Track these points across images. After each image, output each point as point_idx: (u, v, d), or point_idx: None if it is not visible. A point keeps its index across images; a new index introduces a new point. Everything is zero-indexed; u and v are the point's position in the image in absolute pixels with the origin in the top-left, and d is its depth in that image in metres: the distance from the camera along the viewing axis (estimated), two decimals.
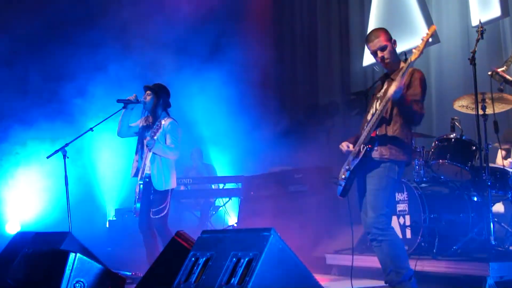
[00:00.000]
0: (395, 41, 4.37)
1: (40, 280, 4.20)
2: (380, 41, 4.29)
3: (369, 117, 4.39)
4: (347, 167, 4.38)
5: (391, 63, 4.34)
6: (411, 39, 7.35)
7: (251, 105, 9.22)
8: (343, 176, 4.40)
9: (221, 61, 9.27)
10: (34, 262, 4.47)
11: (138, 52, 9.20)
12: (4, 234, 7.16)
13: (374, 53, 4.34)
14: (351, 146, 4.42)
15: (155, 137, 5.76)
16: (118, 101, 6.14)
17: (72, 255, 4.00)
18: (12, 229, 8.23)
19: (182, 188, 8.64)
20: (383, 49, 4.29)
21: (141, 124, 6.15)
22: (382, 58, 4.30)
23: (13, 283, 4.50)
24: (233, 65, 9.43)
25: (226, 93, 9.27)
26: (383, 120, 4.23)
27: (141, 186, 5.91)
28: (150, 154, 5.93)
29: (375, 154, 4.25)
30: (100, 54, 8.78)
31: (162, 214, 5.87)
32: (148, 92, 6.13)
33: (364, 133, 4.29)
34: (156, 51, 9.16)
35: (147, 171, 5.98)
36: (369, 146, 4.23)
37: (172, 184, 5.99)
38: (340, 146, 4.48)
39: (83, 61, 8.91)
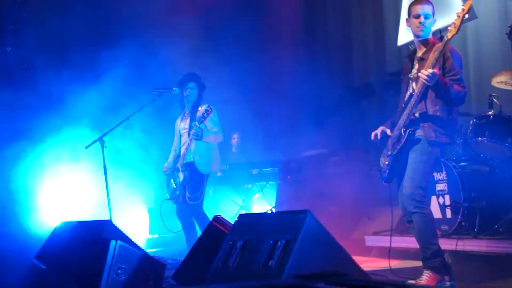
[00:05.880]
0: (435, 21, 4.37)
1: (83, 267, 4.29)
2: (429, 8, 4.30)
3: (406, 98, 4.34)
4: (389, 152, 4.34)
5: (425, 34, 4.31)
6: (446, 17, 7.18)
7: (286, 88, 9.17)
8: (386, 163, 4.37)
9: (255, 44, 9.23)
10: (77, 251, 4.56)
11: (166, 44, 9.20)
12: (47, 224, 7.28)
13: (416, 17, 4.29)
14: (388, 130, 4.38)
15: (200, 125, 5.85)
16: (153, 90, 6.25)
17: (113, 243, 4.07)
18: (55, 219, 8.39)
19: (219, 174, 8.67)
20: (426, 16, 4.28)
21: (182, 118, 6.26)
22: (422, 23, 4.27)
23: (57, 271, 4.61)
24: (267, 49, 9.38)
25: (260, 76, 9.24)
26: (423, 99, 4.18)
27: (182, 173, 6.03)
28: (193, 142, 6.02)
29: (418, 133, 4.23)
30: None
31: (199, 200, 5.99)
32: (193, 83, 6.20)
33: (404, 116, 4.24)
34: (186, 45, 9.13)
35: (189, 158, 6.10)
36: (411, 129, 4.19)
37: (213, 168, 6.18)
38: (373, 133, 4.43)
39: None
